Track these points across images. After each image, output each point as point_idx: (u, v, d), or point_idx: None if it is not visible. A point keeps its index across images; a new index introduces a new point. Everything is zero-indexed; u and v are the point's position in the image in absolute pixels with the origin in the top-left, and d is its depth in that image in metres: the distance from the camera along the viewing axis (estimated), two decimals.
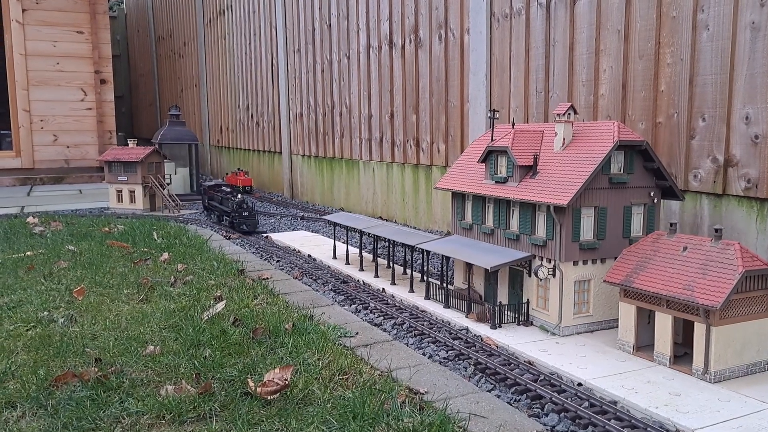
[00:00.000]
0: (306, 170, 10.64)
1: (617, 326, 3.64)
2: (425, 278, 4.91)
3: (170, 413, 2.73)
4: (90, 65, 15.21)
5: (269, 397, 2.87)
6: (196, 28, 15.78)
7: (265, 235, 7.46)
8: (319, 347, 3.48)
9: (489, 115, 4.51)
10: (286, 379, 2.92)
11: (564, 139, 3.96)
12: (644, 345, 3.47)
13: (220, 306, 4.14)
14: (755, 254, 3.15)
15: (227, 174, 12.83)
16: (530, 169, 4.01)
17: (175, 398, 2.83)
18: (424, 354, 3.56)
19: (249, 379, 3.01)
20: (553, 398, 2.92)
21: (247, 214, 7.61)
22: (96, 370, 3.11)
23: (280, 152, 11.49)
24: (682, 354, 3.34)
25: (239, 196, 7.77)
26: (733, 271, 3.01)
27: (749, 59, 4.01)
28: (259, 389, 2.90)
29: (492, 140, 4.32)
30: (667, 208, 4.57)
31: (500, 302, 4.00)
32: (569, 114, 3.93)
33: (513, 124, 4.30)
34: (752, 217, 4.12)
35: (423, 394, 2.93)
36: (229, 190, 8.66)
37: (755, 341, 3.16)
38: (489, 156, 4.25)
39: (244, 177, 11.71)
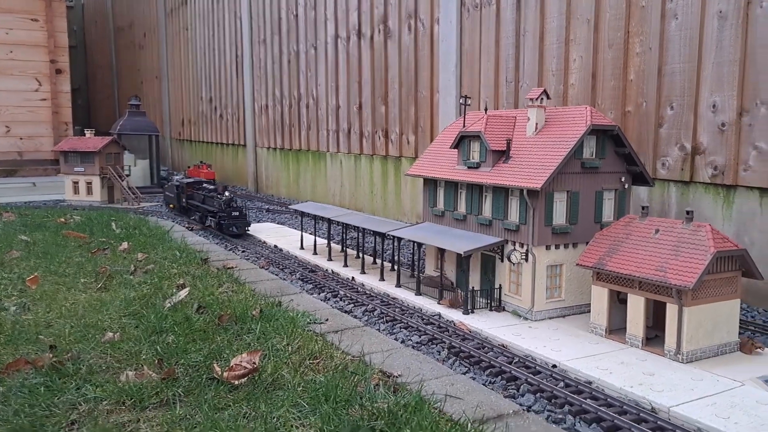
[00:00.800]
0: (271, 163, 10.47)
1: (589, 311, 3.63)
2: (396, 267, 4.84)
3: (131, 399, 2.59)
4: (45, 54, 14.68)
5: (236, 382, 2.75)
6: (157, 18, 15.40)
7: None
8: (287, 333, 3.37)
9: (461, 101, 4.46)
10: (254, 363, 2.81)
11: (537, 124, 3.93)
12: (616, 328, 3.46)
13: (183, 293, 3.99)
14: (725, 236, 3.17)
15: (189, 167, 12.53)
16: (503, 154, 3.97)
17: (136, 384, 2.69)
18: (396, 339, 3.49)
19: (215, 364, 2.88)
20: (529, 379, 2.88)
21: (237, 214, 6.61)
22: (50, 356, 2.94)
23: (245, 145, 11.28)
24: (653, 336, 3.35)
25: (227, 193, 6.76)
26: (705, 252, 3.02)
27: (717, 48, 4.06)
28: (225, 374, 2.77)
29: (464, 126, 4.27)
30: (635, 196, 4.60)
31: (473, 288, 3.95)
32: (542, 99, 3.91)
33: (486, 110, 4.26)
34: (719, 203, 4.17)
35: (397, 377, 2.86)
36: (213, 187, 7.53)
37: (725, 322, 3.17)
38: (461, 141, 4.20)
39: (207, 170, 11.43)
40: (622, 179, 3.90)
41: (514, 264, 3.79)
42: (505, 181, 3.77)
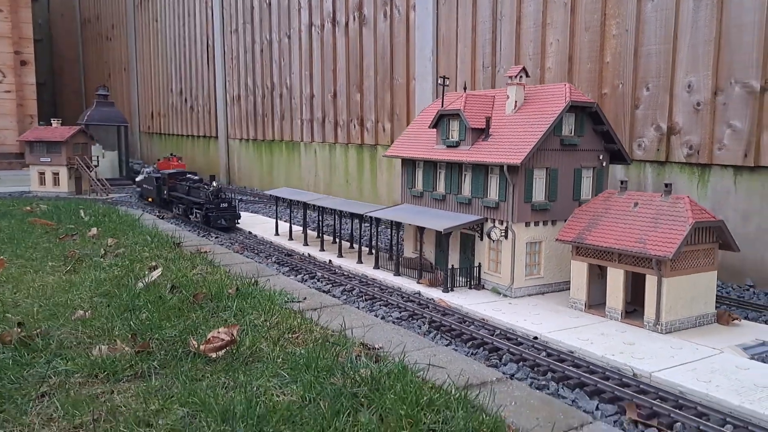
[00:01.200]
0: (244, 154, 10.33)
1: (568, 289, 3.63)
2: (374, 250, 4.79)
3: (104, 372, 2.50)
4: (9, 45, 14.28)
5: (213, 355, 2.67)
6: (125, 9, 15.09)
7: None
8: (265, 310, 3.30)
9: (439, 82, 4.43)
10: (231, 334, 2.74)
11: (516, 101, 3.92)
12: (595, 304, 3.47)
13: (156, 274, 3.89)
14: (703, 207, 3.20)
15: (159, 160, 12.30)
16: (482, 132, 3.96)
17: (109, 357, 2.60)
18: (376, 315, 3.44)
19: (191, 338, 2.80)
20: (511, 349, 2.86)
21: (226, 205, 6.13)
22: (19, 330, 2.82)
23: (216, 137, 11.11)
24: (632, 311, 3.36)
25: (215, 183, 6.28)
26: (684, 223, 3.04)
27: (692, 28, 4.10)
28: (202, 347, 2.70)
29: (443, 106, 4.25)
30: (612, 177, 4.62)
31: (452, 266, 3.93)
32: (521, 77, 3.90)
33: (465, 88, 4.24)
34: (693, 183, 4.22)
35: (378, 349, 2.81)
36: (198, 177, 7.08)
37: (703, 294, 3.20)
38: (440, 120, 4.18)
39: (177, 162, 11.22)
40: (600, 157, 3.91)
41: (493, 241, 3.78)
42: (485, 159, 3.75)
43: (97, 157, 9.57)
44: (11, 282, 3.89)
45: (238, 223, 6.36)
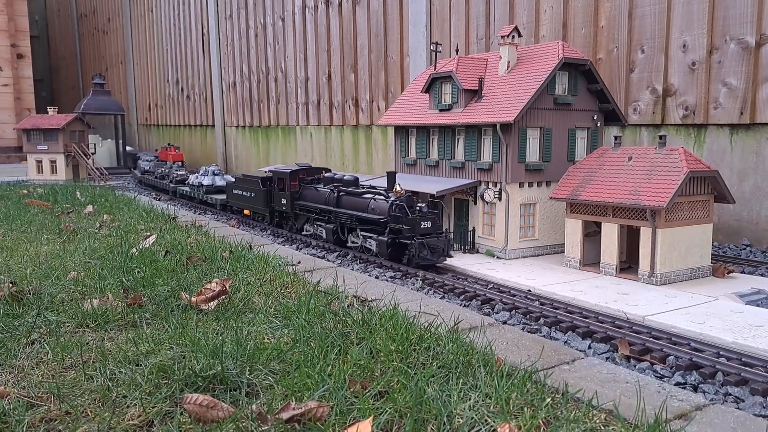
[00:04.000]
0: (240, 141, 10.30)
1: (563, 251, 3.62)
2: None
3: (95, 322, 2.49)
4: (5, 38, 14.27)
5: (205, 307, 2.66)
6: (121, 1, 15.06)
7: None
8: (259, 269, 3.29)
9: (431, 48, 4.41)
10: (224, 285, 2.72)
11: (509, 62, 3.90)
12: (590, 263, 3.46)
13: (151, 240, 3.88)
14: (699, 158, 3.18)
15: (157, 150, 12.29)
16: (475, 94, 3.94)
17: (100, 308, 2.58)
18: (370, 276, 3.43)
19: (182, 293, 2.78)
20: (503, 299, 2.85)
21: (428, 225, 3.60)
22: (11, 285, 2.81)
23: (213, 125, 11.08)
24: (626, 267, 3.35)
25: (399, 186, 3.74)
26: (678, 172, 3.02)
27: None
28: (194, 299, 2.68)
29: (435, 71, 4.22)
30: (608, 143, 4.60)
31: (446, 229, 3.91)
32: (513, 36, 3.88)
33: (457, 51, 4.21)
34: (690, 144, 4.19)
35: (371, 300, 2.79)
36: (351, 176, 4.38)
37: (698, 246, 3.18)
38: (433, 84, 4.15)
39: (175, 152, 11.21)
40: (595, 117, 3.89)
41: (487, 203, 3.76)
42: (478, 119, 3.73)
43: (94, 144, 9.55)
44: (5, 251, 3.88)
45: (451, 256, 3.65)
